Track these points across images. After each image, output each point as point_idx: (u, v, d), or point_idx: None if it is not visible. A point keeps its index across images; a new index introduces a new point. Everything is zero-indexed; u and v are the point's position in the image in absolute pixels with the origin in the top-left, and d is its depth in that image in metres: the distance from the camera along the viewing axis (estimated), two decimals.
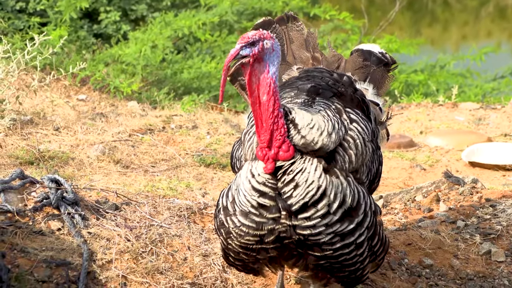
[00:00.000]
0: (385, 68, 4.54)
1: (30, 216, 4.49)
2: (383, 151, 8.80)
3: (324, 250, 3.66)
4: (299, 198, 3.56)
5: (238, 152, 4.03)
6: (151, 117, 8.67)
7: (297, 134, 3.59)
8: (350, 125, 3.81)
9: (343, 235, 3.66)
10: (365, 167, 3.91)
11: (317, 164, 3.57)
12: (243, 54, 3.49)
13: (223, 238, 3.81)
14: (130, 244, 4.43)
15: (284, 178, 3.57)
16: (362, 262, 3.79)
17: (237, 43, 3.50)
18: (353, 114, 3.89)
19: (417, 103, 11.54)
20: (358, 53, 4.55)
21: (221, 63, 12.14)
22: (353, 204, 3.67)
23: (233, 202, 3.73)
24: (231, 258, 3.86)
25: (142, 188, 5.99)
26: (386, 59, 4.54)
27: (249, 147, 3.76)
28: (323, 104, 3.83)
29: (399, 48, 15.09)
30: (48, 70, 9.41)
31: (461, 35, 24.82)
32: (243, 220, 3.65)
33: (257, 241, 3.68)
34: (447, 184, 6.07)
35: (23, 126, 7.30)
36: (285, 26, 4.58)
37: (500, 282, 4.67)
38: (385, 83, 4.53)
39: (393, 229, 5.26)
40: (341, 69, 4.50)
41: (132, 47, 11.37)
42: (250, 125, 3.90)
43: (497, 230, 5.18)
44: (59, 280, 4.00)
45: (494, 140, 9.43)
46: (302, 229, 3.60)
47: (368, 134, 3.90)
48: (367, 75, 4.44)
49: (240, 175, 3.72)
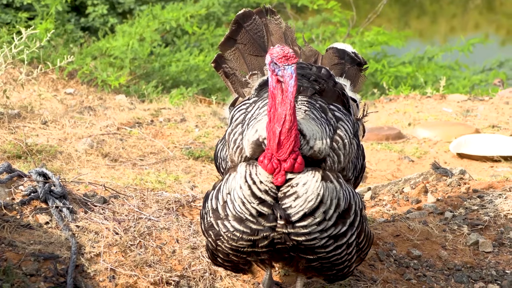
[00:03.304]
0: (358, 68, 4.56)
1: (18, 209, 4.48)
2: (371, 143, 8.84)
3: (317, 253, 3.65)
4: (298, 209, 3.53)
5: (223, 153, 3.98)
6: (139, 111, 8.65)
7: (306, 145, 3.57)
8: (337, 123, 3.81)
9: (336, 237, 3.65)
10: (351, 164, 3.91)
11: (317, 176, 3.55)
12: (288, 73, 3.46)
13: (212, 240, 3.76)
14: (119, 237, 4.42)
15: (287, 190, 3.54)
16: (350, 260, 3.80)
17: (290, 61, 3.46)
18: (337, 111, 3.88)
19: (405, 95, 11.57)
20: (333, 50, 4.56)
21: (209, 56, 12.12)
22: (346, 206, 3.66)
23: (224, 206, 3.65)
24: (220, 259, 3.83)
25: (131, 181, 5.98)
26: (359, 59, 4.57)
27: (237, 149, 3.72)
28: (307, 104, 3.81)
29: (387, 41, 15.12)
30: (36, 63, 9.38)
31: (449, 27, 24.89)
32: (237, 226, 3.61)
33: (249, 245, 3.65)
34: (435, 175, 6.09)
35: (11, 120, 7.28)
36: (265, 18, 4.58)
37: (487, 272, 4.69)
38: (359, 81, 4.54)
39: (382, 221, 5.28)
40: (318, 63, 4.50)
41: (119, 40, 11.34)
42: (234, 124, 3.85)
43: (485, 221, 5.20)
44: (47, 274, 3.99)
45: (482, 131, 9.47)
46: (298, 235, 3.58)
47: (352, 130, 3.90)
48: (343, 71, 4.45)
49: (234, 179, 3.63)
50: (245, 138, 3.68)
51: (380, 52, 15.48)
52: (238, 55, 4.47)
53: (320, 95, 3.94)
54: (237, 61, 4.47)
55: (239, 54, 4.47)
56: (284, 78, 3.44)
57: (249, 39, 4.48)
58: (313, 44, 14.56)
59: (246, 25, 4.50)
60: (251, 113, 3.83)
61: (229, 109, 4.40)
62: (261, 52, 4.46)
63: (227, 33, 4.51)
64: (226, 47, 4.51)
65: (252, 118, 3.77)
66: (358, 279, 4.49)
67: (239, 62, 4.46)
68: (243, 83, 4.40)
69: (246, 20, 4.52)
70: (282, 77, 3.44)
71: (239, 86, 4.41)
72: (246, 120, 3.80)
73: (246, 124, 3.77)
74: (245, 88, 4.36)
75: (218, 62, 4.52)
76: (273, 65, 3.48)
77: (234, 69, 4.46)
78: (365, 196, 5.88)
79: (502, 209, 5.35)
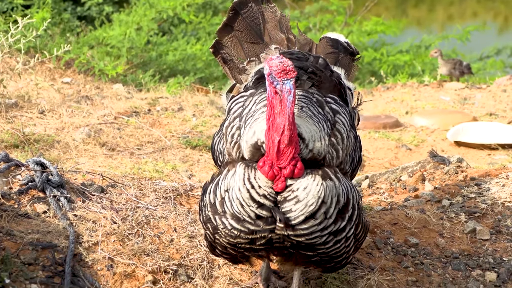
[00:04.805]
0: (351, 57, 4.55)
1: (16, 199, 4.48)
2: (368, 132, 8.85)
3: (317, 249, 3.64)
4: (299, 213, 3.51)
5: (220, 145, 3.96)
6: (137, 100, 8.65)
7: (306, 149, 3.55)
8: (334, 117, 3.79)
9: (336, 233, 3.63)
10: (349, 157, 3.89)
11: (318, 179, 3.52)
12: (286, 88, 3.44)
13: (210, 232, 3.75)
14: (116, 226, 4.42)
15: (288, 195, 3.51)
16: (348, 252, 3.79)
17: (289, 75, 3.42)
18: (333, 104, 3.86)
19: (403, 83, 11.58)
20: (327, 40, 4.55)
21: (206, 45, 12.11)
22: (345, 201, 3.64)
23: (222, 202, 3.63)
24: (218, 251, 3.82)
25: (128, 170, 5.98)
26: (351, 49, 4.56)
27: (234, 144, 3.71)
28: (304, 99, 3.79)
29: (385, 30, 15.11)
30: (32, 53, 9.36)
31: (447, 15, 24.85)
32: (235, 224, 3.58)
33: (247, 243, 3.63)
34: (432, 163, 6.09)
35: (8, 110, 7.27)
36: (260, 6, 4.58)
37: (485, 260, 4.69)
38: (352, 70, 4.52)
39: (379, 209, 5.28)
40: (313, 52, 4.50)
41: (116, 29, 11.31)
42: (232, 117, 3.83)
43: (482, 208, 5.20)
44: (45, 263, 3.99)
45: (480, 119, 9.48)
46: (298, 236, 3.56)
47: (349, 123, 3.88)
48: (336, 60, 4.44)
49: (233, 178, 3.60)
50: (243, 138, 3.66)
51: (378, 41, 15.47)
52: (235, 42, 4.48)
53: (317, 87, 3.93)
54: (235, 47, 4.47)
55: (237, 41, 4.48)
56: (283, 94, 3.40)
57: (246, 26, 4.49)
58: (311, 32, 14.55)
59: (242, 12, 4.51)
60: (248, 107, 3.81)
61: (226, 96, 4.40)
62: (258, 39, 4.47)
63: (225, 19, 4.52)
64: (223, 33, 4.52)
65: (249, 114, 3.75)
66: (355, 267, 4.50)
67: (237, 49, 4.46)
68: (240, 70, 4.40)
69: (243, 8, 4.52)
70: (281, 91, 3.40)
71: (237, 72, 4.41)
72: (244, 115, 3.78)
73: (243, 120, 3.75)
74: (242, 74, 4.36)
75: (216, 48, 4.53)
76: (271, 77, 3.43)
77: (231, 55, 4.47)
78: (362, 185, 5.88)
79: (500, 197, 5.36)
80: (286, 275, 4.39)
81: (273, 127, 3.46)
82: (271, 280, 4.29)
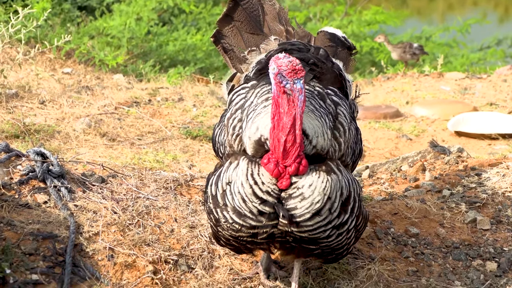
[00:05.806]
0: (348, 52, 4.55)
1: (16, 189, 4.48)
2: (369, 122, 8.84)
3: (320, 243, 3.65)
4: (304, 211, 3.52)
5: (221, 137, 3.95)
6: (137, 90, 8.64)
7: (309, 145, 3.55)
8: (336, 110, 3.79)
9: (339, 226, 3.63)
10: (350, 149, 3.89)
11: (323, 175, 3.52)
12: (297, 88, 3.43)
13: (213, 224, 3.76)
14: (117, 217, 4.43)
15: (293, 192, 3.52)
16: (349, 244, 3.81)
17: (299, 74, 3.40)
18: (334, 96, 3.86)
19: (403, 73, 11.55)
20: (324, 33, 4.56)
21: (206, 35, 12.09)
22: (347, 194, 3.65)
23: (223, 195, 3.63)
24: (222, 242, 3.83)
25: (129, 160, 5.98)
26: (349, 43, 4.57)
27: (236, 137, 3.70)
28: (306, 93, 3.78)
29: (385, 20, 15.07)
30: (33, 43, 9.35)
31: (448, 5, 24.79)
32: (236, 219, 3.59)
33: (249, 236, 3.64)
34: (433, 153, 6.09)
35: (8, 100, 7.26)
36: None
37: (485, 250, 4.70)
38: (350, 64, 4.53)
39: (379, 199, 5.29)
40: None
41: (117, 19, 11.29)
42: (234, 109, 3.83)
43: (483, 198, 5.20)
44: (46, 253, 4.00)
45: (480, 109, 9.47)
46: (302, 232, 3.58)
47: (349, 115, 3.88)
48: (334, 53, 4.44)
49: (235, 171, 3.60)
50: (245, 134, 3.65)
51: (378, 31, 15.43)
52: (236, 32, 4.50)
53: (318, 79, 3.93)
54: (235, 37, 4.49)
55: (237, 31, 4.50)
56: (294, 93, 3.40)
57: (246, 17, 4.51)
58: (311, 22, 14.50)
59: (242, 3, 4.54)
60: (250, 100, 3.80)
61: (226, 85, 4.42)
62: (257, 30, 4.50)
63: (225, 10, 4.56)
64: (223, 23, 4.55)
65: (251, 108, 3.74)
66: (356, 257, 4.50)
67: (237, 39, 4.48)
68: (241, 59, 4.41)
69: None
70: (291, 91, 3.40)
71: (237, 62, 4.42)
72: (246, 107, 3.78)
73: (245, 113, 3.75)
74: (243, 64, 4.37)
75: (217, 37, 4.55)
76: (280, 76, 3.42)
77: (232, 45, 4.49)
78: (363, 175, 5.88)
79: (500, 187, 5.36)
80: (287, 265, 4.40)
81: (278, 126, 3.46)
82: (272, 270, 4.30)
